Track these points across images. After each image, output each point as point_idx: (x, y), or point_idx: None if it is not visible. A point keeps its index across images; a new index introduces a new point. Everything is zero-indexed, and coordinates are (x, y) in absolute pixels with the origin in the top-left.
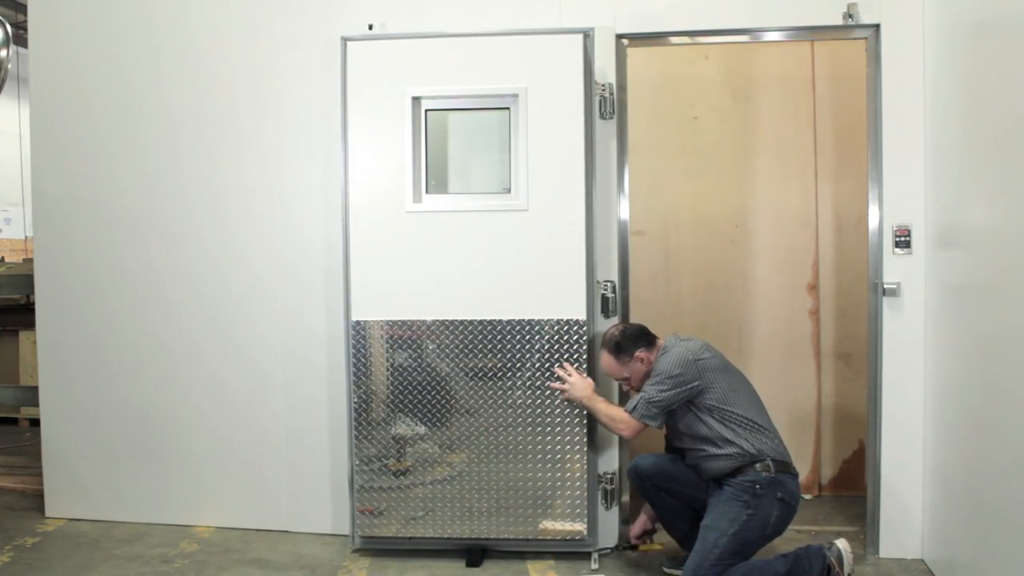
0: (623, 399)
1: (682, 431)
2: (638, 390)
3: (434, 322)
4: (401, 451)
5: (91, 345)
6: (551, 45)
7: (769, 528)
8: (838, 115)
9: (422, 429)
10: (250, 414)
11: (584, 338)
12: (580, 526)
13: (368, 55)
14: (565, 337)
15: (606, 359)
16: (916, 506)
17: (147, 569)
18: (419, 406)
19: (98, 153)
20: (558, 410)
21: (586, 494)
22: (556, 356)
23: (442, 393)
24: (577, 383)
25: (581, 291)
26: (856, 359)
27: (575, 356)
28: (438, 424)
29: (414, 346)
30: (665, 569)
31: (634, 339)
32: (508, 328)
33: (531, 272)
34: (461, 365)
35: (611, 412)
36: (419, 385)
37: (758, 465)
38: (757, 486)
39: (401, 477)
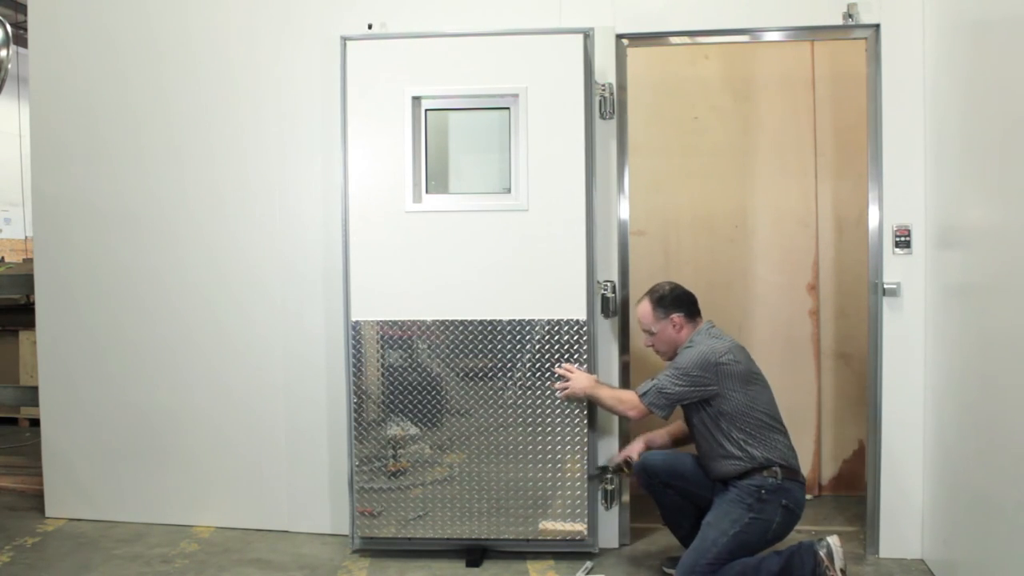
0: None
1: (695, 426)
2: (656, 351)
3: (434, 322)
4: (402, 451)
5: (91, 345)
6: (551, 45)
7: (770, 533)
8: (838, 115)
9: (423, 429)
10: (250, 414)
11: (585, 338)
12: (580, 526)
13: (368, 55)
14: (566, 337)
15: (644, 307)
16: (916, 506)
17: (147, 569)
18: (420, 407)
19: (98, 153)
20: (559, 410)
21: (586, 494)
22: (557, 356)
23: (442, 394)
24: (578, 376)
25: (581, 291)
26: (856, 359)
27: (576, 356)
28: (438, 425)
29: (414, 346)
30: (665, 569)
31: (679, 301)
32: (508, 328)
33: (531, 272)
34: (461, 365)
35: (618, 394)
36: (419, 385)
37: (765, 471)
38: (763, 491)
39: (400, 478)
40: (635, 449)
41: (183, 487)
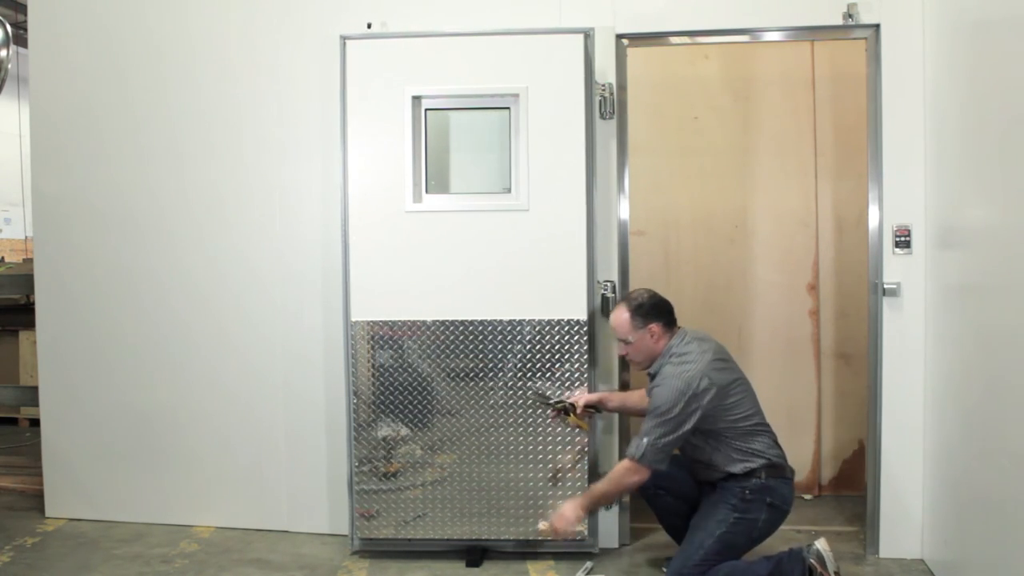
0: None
1: (683, 445)
2: (630, 360)
3: (434, 322)
4: (401, 452)
5: (91, 345)
6: (552, 45)
7: (756, 532)
8: (838, 115)
9: (423, 430)
10: (249, 414)
11: (585, 338)
12: (580, 527)
13: (368, 54)
14: (567, 337)
15: (621, 315)
16: (916, 506)
17: (147, 569)
18: (420, 407)
19: (98, 153)
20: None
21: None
22: (557, 356)
23: (442, 394)
24: (558, 515)
25: (582, 291)
26: (856, 359)
27: (576, 356)
28: (438, 426)
29: (413, 347)
30: (664, 569)
31: (657, 310)
32: (508, 328)
33: (532, 272)
34: (461, 366)
35: (613, 477)
36: (419, 386)
37: (749, 474)
38: (747, 491)
39: (400, 479)
40: (583, 398)
41: (183, 487)
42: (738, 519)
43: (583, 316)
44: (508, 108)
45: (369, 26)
